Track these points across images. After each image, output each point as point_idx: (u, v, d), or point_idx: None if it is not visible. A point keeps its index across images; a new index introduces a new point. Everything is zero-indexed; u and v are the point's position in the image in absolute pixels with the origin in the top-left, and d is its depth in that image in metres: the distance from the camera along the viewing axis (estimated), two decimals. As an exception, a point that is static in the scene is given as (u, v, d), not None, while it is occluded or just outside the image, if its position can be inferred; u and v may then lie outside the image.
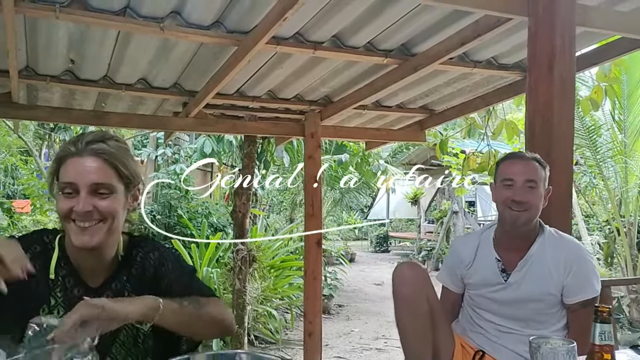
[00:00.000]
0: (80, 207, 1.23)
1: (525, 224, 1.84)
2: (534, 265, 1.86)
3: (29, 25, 2.34)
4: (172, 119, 3.70)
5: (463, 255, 2.02)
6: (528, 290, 1.85)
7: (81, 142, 1.27)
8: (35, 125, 8.97)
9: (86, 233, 1.25)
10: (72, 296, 1.31)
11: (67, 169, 1.26)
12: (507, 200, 1.84)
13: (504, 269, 1.91)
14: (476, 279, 1.98)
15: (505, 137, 4.82)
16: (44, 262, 1.31)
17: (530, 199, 1.81)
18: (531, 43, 1.96)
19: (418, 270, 1.90)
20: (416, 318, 1.80)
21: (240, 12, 2.24)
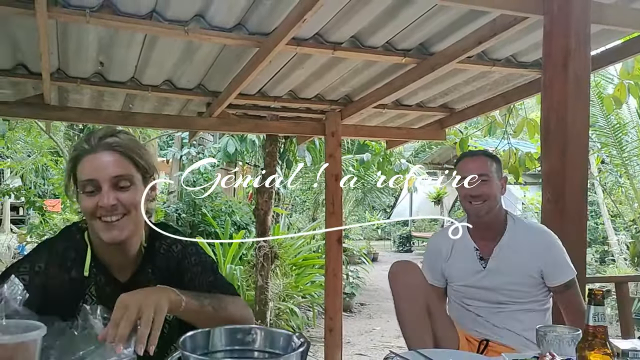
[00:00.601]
0: (105, 202, 1.24)
1: (487, 213, 2.03)
2: (509, 250, 2.02)
3: (61, 29, 2.45)
4: (196, 119, 3.80)
5: (442, 249, 2.18)
6: (507, 274, 2.00)
7: (94, 139, 1.28)
8: (65, 127, 9.23)
9: (114, 228, 1.27)
10: (105, 293, 1.34)
11: (84, 167, 1.27)
12: (466, 196, 2.04)
13: (481, 256, 2.07)
14: (457, 269, 2.13)
15: (528, 135, 4.80)
16: (76, 261, 1.34)
17: (485, 191, 2.01)
18: (546, 41, 1.98)
19: (411, 267, 2.03)
20: (413, 311, 1.91)
21: (261, 14, 2.31)
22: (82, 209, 1.29)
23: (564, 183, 1.90)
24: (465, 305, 2.12)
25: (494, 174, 2.04)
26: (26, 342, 0.90)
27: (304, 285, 6.12)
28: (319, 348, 5.20)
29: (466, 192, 2.03)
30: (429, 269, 2.24)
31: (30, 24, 2.25)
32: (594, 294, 0.92)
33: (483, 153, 2.17)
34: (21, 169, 10.52)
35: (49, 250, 1.35)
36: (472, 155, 2.16)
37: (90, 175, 1.26)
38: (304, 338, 0.95)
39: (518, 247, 2.01)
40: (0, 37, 2.51)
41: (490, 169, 2.05)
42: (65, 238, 1.38)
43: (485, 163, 2.06)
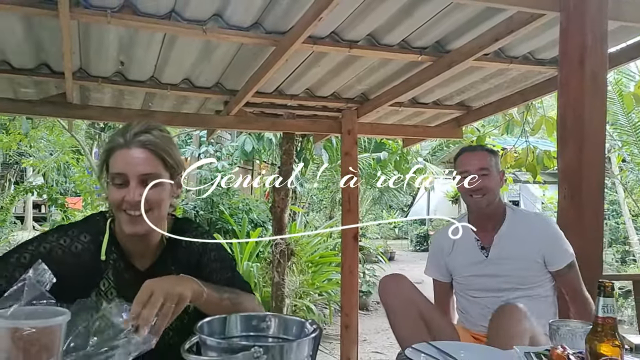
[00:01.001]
0: (131, 197, 1.30)
1: (488, 206, 2.10)
2: (508, 238, 2.08)
3: (82, 29, 2.50)
4: (214, 117, 3.85)
5: (443, 244, 2.25)
6: (508, 261, 2.05)
7: (129, 134, 1.32)
8: (87, 125, 9.39)
9: (136, 222, 1.32)
10: (123, 278, 1.39)
11: (116, 160, 1.33)
12: (467, 190, 2.09)
13: (482, 246, 2.14)
14: (459, 261, 2.19)
15: (547, 133, 4.75)
16: (95, 247, 1.39)
17: (486, 184, 2.07)
18: (562, 38, 1.97)
19: (400, 279, 2.08)
20: (407, 320, 1.97)
21: (277, 13, 2.33)
22: (110, 199, 1.35)
23: (581, 180, 1.89)
24: (470, 298, 2.17)
25: (493, 168, 2.12)
26: (52, 326, 0.93)
27: (320, 282, 6.15)
28: (335, 345, 5.22)
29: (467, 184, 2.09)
30: (433, 265, 2.32)
31: (53, 25, 2.31)
32: (603, 285, 0.92)
33: (482, 147, 2.26)
34: (43, 167, 10.72)
35: (66, 231, 1.40)
36: (472, 150, 2.23)
37: (121, 169, 1.32)
38: (317, 324, 0.98)
39: (517, 234, 2.08)
40: (25, 38, 2.58)
41: (490, 163, 2.11)
42: (87, 223, 1.44)
43: (485, 157, 2.12)
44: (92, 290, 1.37)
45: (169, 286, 1.15)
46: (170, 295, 1.13)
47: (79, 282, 1.33)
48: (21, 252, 1.34)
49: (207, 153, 7.45)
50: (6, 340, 0.90)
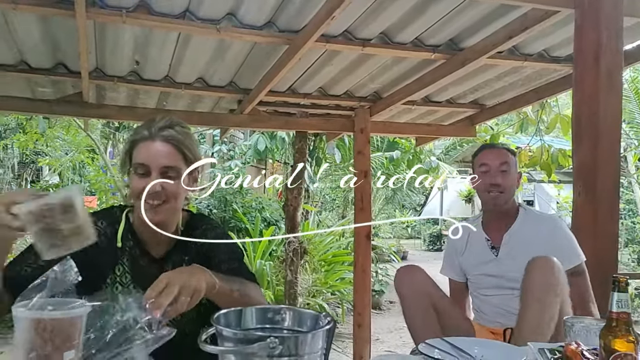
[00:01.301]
0: (152, 188, 1.37)
1: (505, 204, 2.12)
2: (518, 238, 2.09)
3: (99, 29, 2.53)
4: (227, 116, 3.87)
5: (457, 244, 2.27)
6: (517, 260, 2.00)
7: (154, 128, 1.41)
8: (102, 125, 9.48)
9: (154, 210, 1.40)
10: (138, 265, 1.48)
11: (140, 151, 1.41)
12: (486, 185, 2.10)
13: (493, 246, 2.15)
14: (471, 260, 2.21)
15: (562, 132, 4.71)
16: (111, 234, 1.47)
17: (505, 182, 2.09)
18: (577, 35, 1.96)
19: (415, 271, 2.09)
20: (418, 309, 1.99)
21: (290, 12, 2.34)
22: (131, 187, 1.43)
23: (596, 178, 1.88)
24: (482, 296, 2.18)
25: (512, 166, 2.13)
26: (73, 318, 0.97)
27: (333, 281, 6.16)
28: (348, 344, 5.23)
29: (487, 180, 2.10)
30: (448, 265, 2.34)
31: (70, 25, 2.34)
32: (617, 280, 0.92)
33: (503, 146, 2.26)
34: (59, 166, 10.85)
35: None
36: (493, 146, 2.26)
37: (144, 160, 1.40)
38: (331, 317, 1.00)
39: (526, 235, 2.08)
40: (42, 38, 2.62)
41: (510, 160, 2.13)
42: (106, 212, 1.55)
43: (506, 155, 2.14)
44: (108, 275, 1.44)
45: (185, 279, 1.20)
46: (185, 287, 1.17)
47: (95, 267, 1.38)
48: None
49: (220, 152, 7.50)
50: (29, 330, 0.94)
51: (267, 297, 5.26)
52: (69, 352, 0.95)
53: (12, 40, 2.65)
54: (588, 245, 1.94)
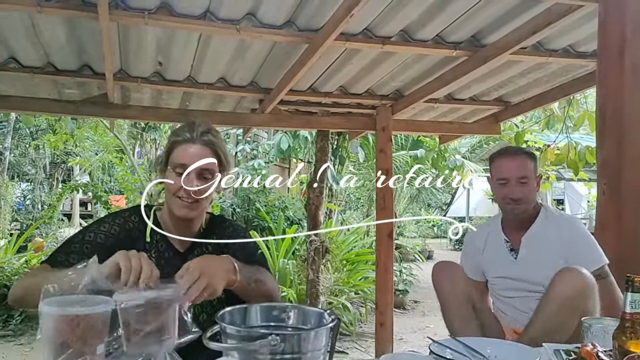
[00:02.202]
0: (189, 186, 1.50)
1: (524, 213, 2.09)
2: (536, 240, 2.05)
3: (122, 31, 2.58)
4: (249, 116, 3.90)
5: (477, 243, 2.24)
6: (537, 263, 2.01)
7: (196, 132, 1.54)
8: (129, 126, 9.66)
9: (187, 207, 1.54)
10: (164, 257, 1.60)
11: (181, 152, 1.54)
12: (505, 198, 2.06)
13: (512, 248, 2.11)
14: (490, 262, 2.17)
15: (590, 128, 4.60)
16: (142, 229, 1.60)
17: (525, 194, 2.05)
18: (601, 30, 1.91)
19: (453, 265, 2.09)
20: (458, 304, 1.98)
21: (310, 11, 2.35)
22: (169, 185, 1.55)
23: (620, 175, 1.83)
24: (503, 298, 2.15)
25: (532, 175, 2.09)
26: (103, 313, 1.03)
27: (356, 280, 6.14)
28: (371, 344, 5.21)
29: (505, 192, 2.07)
30: (468, 265, 2.29)
31: (94, 27, 2.39)
32: (631, 280, 0.89)
33: (522, 152, 2.18)
34: (89, 166, 11.10)
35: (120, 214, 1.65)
36: (512, 155, 2.15)
37: (185, 160, 1.52)
38: (335, 315, 1.00)
39: (545, 237, 2.04)
40: (67, 40, 2.68)
41: (530, 170, 2.08)
42: (136, 210, 1.65)
43: (526, 164, 2.08)
44: None
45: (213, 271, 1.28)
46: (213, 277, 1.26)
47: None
48: (85, 232, 1.58)
49: (243, 151, 7.56)
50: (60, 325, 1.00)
51: (290, 296, 5.28)
52: (100, 346, 1.02)
53: (38, 43, 2.72)
54: (612, 244, 1.89)
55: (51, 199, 9.34)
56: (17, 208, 11.55)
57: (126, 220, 1.60)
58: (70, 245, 1.55)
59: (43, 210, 10.10)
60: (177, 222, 1.60)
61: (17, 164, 12.34)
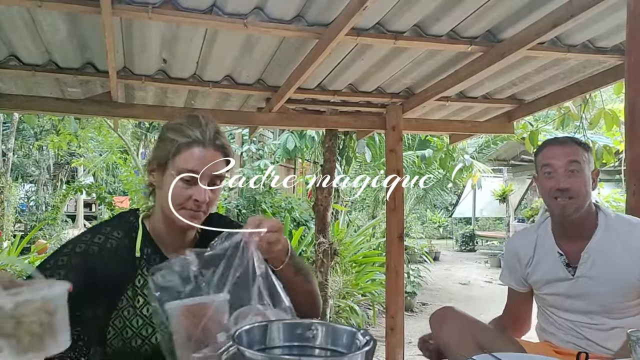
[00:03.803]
0: (202, 197, 1.32)
1: (576, 212, 1.75)
2: (601, 254, 1.74)
3: (125, 27, 2.49)
4: (255, 114, 3.81)
5: (521, 253, 1.94)
6: (601, 283, 1.73)
7: (209, 133, 1.34)
8: (133, 126, 9.60)
9: (194, 217, 1.36)
10: None
11: (191, 156, 1.32)
12: (551, 191, 1.75)
13: (568, 263, 1.80)
14: (540, 276, 1.88)
15: (604, 129, 4.48)
16: (129, 243, 1.39)
17: (575, 185, 1.72)
18: (631, 20, 1.80)
19: (452, 316, 1.87)
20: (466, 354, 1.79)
21: (320, 4, 2.25)
22: (175, 193, 1.34)
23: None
24: (555, 316, 1.90)
25: (584, 164, 1.76)
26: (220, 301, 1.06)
27: (364, 283, 6.05)
28: (380, 347, 5.11)
29: (552, 184, 1.75)
30: (508, 272, 2.03)
31: (96, 23, 2.30)
32: None
33: (572, 139, 1.84)
34: (93, 167, 11.04)
35: (100, 230, 1.41)
36: (559, 141, 1.83)
37: (196, 166, 1.32)
38: (370, 336, 0.88)
39: (612, 248, 1.73)
40: (69, 36, 2.59)
41: (581, 157, 1.77)
42: (119, 220, 1.45)
43: (576, 150, 1.77)
44: (128, 287, 1.37)
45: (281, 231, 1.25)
46: (280, 239, 1.24)
47: (114, 279, 1.34)
48: (58, 256, 1.35)
49: (249, 151, 7.47)
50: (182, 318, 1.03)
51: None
52: (221, 334, 1.00)
53: (39, 40, 2.63)
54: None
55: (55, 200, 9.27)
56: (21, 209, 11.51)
57: (107, 238, 1.38)
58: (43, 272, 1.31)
59: (47, 212, 10.04)
60: (172, 230, 1.41)
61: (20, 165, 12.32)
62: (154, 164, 1.39)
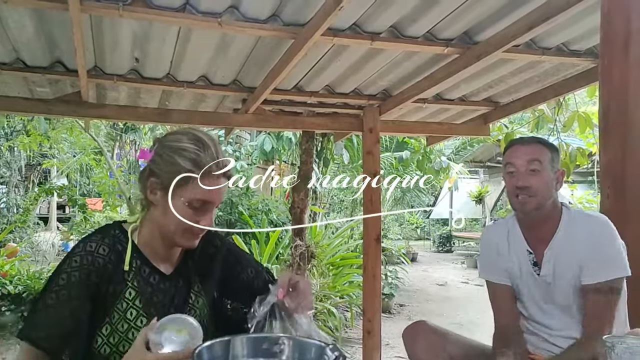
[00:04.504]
0: (209, 223, 1.36)
1: (535, 210, 1.77)
2: (562, 252, 1.77)
3: (95, 25, 2.42)
4: (231, 116, 3.76)
5: (499, 243, 1.93)
6: (564, 279, 1.75)
7: (222, 165, 1.36)
8: (107, 127, 9.42)
9: (195, 239, 1.40)
10: (149, 283, 1.40)
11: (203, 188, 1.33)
12: (513, 189, 1.79)
13: (535, 262, 1.83)
14: (514, 267, 1.89)
15: (578, 131, 4.54)
16: (116, 259, 1.37)
17: (534, 183, 1.75)
18: (604, 24, 1.81)
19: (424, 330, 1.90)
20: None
21: (296, 3, 2.22)
22: (181, 215, 1.34)
23: (625, 176, 1.72)
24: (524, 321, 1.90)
25: (547, 164, 1.80)
26: None
27: (341, 285, 6.02)
28: (357, 349, 5.09)
29: (513, 182, 1.80)
30: (489, 266, 1.97)
31: (65, 20, 2.23)
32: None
33: (536, 139, 1.89)
34: (67, 168, 10.81)
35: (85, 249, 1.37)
36: (522, 141, 1.89)
37: (208, 197, 1.34)
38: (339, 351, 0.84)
39: (572, 248, 1.76)
40: (37, 34, 2.51)
41: (543, 157, 1.80)
42: (103, 234, 1.41)
43: (538, 150, 1.81)
44: (117, 302, 1.34)
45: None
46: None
47: (106, 296, 1.33)
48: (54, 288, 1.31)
49: (225, 153, 7.39)
50: None
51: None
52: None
53: (5, 37, 2.55)
54: (618, 250, 1.77)
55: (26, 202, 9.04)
56: (-9, 211, 11.19)
57: (95, 258, 1.34)
58: (42, 316, 1.29)
59: (18, 214, 9.79)
60: (166, 246, 1.42)
61: (-10, 166, 11.99)
62: (157, 184, 1.36)
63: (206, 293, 1.50)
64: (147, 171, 1.39)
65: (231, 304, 1.54)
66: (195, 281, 1.48)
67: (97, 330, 1.31)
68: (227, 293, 1.55)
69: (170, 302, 1.41)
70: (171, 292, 1.42)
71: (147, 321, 1.31)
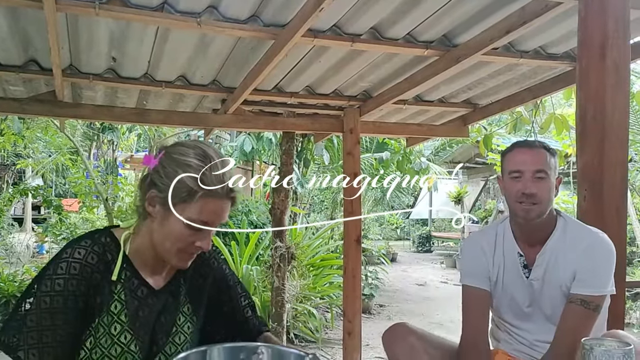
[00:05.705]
0: (207, 245, 1.32)
1: (538, 217, 1.74)
2: (554, 258, 1.76)
3: (71, 23, 2.37)
4: (210, 116, 3.72)
5: (485, 247, 1.90)
6: (551, 286, 1.74)
7: (227, 187, 1.28)
8: (84, 126, 9.26)
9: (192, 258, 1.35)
10: (137, 297, 1.33)
11: (207, 208, 1.27)
12: (517, 194, 1.75)
13: (525, 264, 1.81)
14: (499, 275, 1.86)
15: (554, 133, 4.61)
16: (104, 268, 1.31)
17: (541, 191, 1.72)
18: (582, 28, 1.83)
19: (404, 333, 1.88)
20: None
21: (276, 4, 2.20)
22: (178, 234, 1.29)
23: (602, 179, 1.75)
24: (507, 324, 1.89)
25: (551, 172, 1.75)
26: None
27: (321, 286, 6.01)
28: (337, 350, 5.09)
29: (518, 188, 1.74)
30: (472, 270, 1.91)
31: (40, 18, 2.18)
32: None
33: (541, 144, 1.82)
34: (42, 169, 10.60)
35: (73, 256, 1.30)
36: (529, 145, 1.81)
37: (209, 218, 1.28)
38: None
39: (563, 255, 1.75)
40: (10, 32, 2.45)
41: (550, 164, 1.75)
42: (92, 241, 1.33)
43: (544, 157, 1.75)
44: (104, 315, 1.29)
45: None
46: None
47: (92, 307, 1.28)
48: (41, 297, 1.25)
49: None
50: None
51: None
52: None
53: (-23, 35, 2.48)
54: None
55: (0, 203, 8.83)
56: (-37, 213, 10.90)
57: (84, 266, 1.27)
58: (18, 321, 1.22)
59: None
60: (159, 261, 1.35)
61: (-38, 166, 11.69)
62: (157, 198, 1.29)
63: (197, 319, 1.45)
64: (148, 180, 1.31)
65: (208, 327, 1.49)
66: (186, 301, 1.43)
67: (82, 343, 1.27)
68: (208, 316, 1.49)
69: (155, 319, 1.35)
70: (157, 308, 1.35)
71: (131, 337, 1.27)
